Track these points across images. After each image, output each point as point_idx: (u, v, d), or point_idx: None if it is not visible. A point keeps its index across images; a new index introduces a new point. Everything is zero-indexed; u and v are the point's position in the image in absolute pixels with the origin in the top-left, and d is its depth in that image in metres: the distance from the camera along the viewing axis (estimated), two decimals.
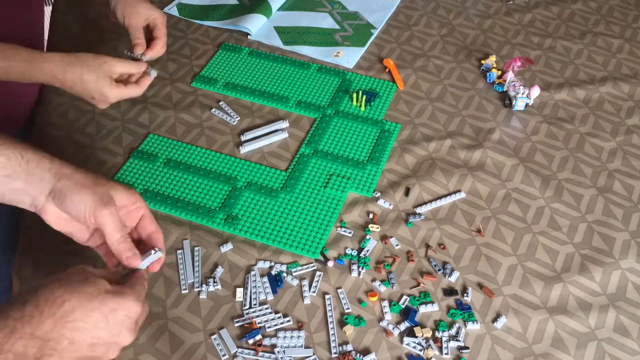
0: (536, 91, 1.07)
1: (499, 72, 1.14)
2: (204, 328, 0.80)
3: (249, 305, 0.82)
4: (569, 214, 0.93)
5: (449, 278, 0.84)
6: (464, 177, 0.98)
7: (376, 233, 0.90)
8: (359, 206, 0.93)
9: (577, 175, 0.99)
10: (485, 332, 0.79)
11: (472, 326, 0.79)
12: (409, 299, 0.82)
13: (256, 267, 0.86)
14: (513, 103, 1.08)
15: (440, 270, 0.86)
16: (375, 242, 0.89)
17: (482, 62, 1.17)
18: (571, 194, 0.96)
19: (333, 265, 0.86)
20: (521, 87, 1.07)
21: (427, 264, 0.86)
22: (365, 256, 0.87)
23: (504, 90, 1.11)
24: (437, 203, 0.93)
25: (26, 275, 0.86)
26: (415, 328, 0.79)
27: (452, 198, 0.94)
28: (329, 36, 1.24)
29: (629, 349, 0.78)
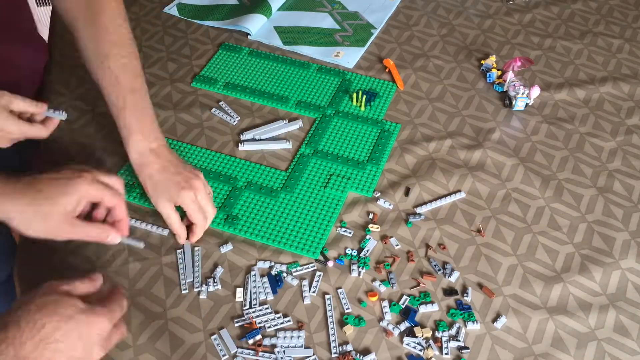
0: (536, 91, 1.07)
1: (499, 72, 1.14)
2: (204, 328, 0.80)
3: (249, 305, 0.82)
4: (569, 214, 0.93)
5: (449, 278, 0.84)
6: (464, 177, 0.98)
7: (376, 233, 0.90)
8: (359, 206, 0.93)
9: (577, 175, 0.99)
10: (485, 332, 0.79)
11: (472, 326, 0.79)
12: (409, 299, 0.82)
13: (256, 267, 0.86)
14: (513, 103, 1.08)
15: (440, 270, 0.86)
16: (375, 242, 0.89)
17: (482, 62, 1.17)
18: (571, 194, 0.96)
19: (333, 265, 0.86)
20: (521, 87, 1.07)
21: (427, 264, 0.86)
22: (365, 256, 0.87)
23: (504, 90, 1.11)
24: (437, 203, 0.93)
25: (26, 275, 0.86)
26: (415, 328, 0.79)
27: (452, 198, 0.94)
28: (329, 36, 1.24)
29: (629, 349, 0.78)
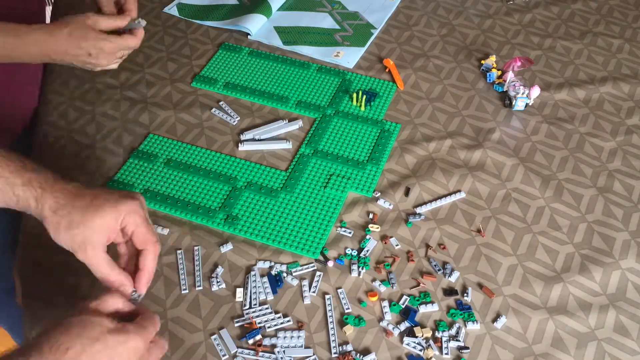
0: (536, 91, 1.07)
1: (499, 72, 1.14)
2: (204, 328, 0.80)
3: (249, 305, 0.82)
4: (569, 214, 0.93)
5: (449, 278, 0.84)
6: (464, 177, 0.98)
7: (376, 233, 0.90)
8: (359, 206, 0.93)
9: (577, 175, 0.99)
10: (485, 332, 0.79)
11: (472, 326, 0.79)
12: (409, 299, 0.82)
13: (256, 267, 0.86)
14: (513, 103, 1.08)
15: (440, 270, 0.86)
16: (375, 242, 0.89)
17: (482, 62, 1.17)
18: (571, 194, 0.96)
19: (333, 265, 0.86)
20: (521, 87, 1.07)
21: (427, 264, 0.86)
22: (365, 256, 0.87)
23: (504, 90, 1.11)
24: (437, 203, 0.93)
25: (26, 275, 0.86)
26: (415, 328, 0.79)
27: (452, 198, 0.94)
28: (329, 36, 1.24)
29: (629, 349, 0.78)
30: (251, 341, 0.78)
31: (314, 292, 0.83)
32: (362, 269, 0.85)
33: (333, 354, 0.77)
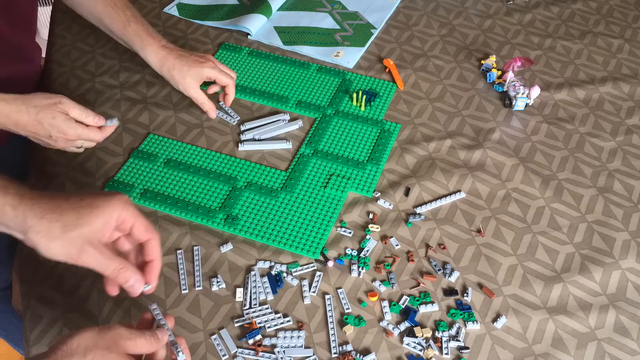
0: (536, 91, 1.07)
1: (499, 72, 1.14)
2: (204, 328, 0.80)
3: (249, 305, 0.82)
4: (569, 214, 0.93)
5: (449, 278, 0.84)
6: (464, 177, 0.98)
7: (376, 233, 0.90)
8: (359, 206, 0.93)
9: (577, 175, 0.99)
10: (485, 332, 0.79)
11: (472, 326, 0.79)
12: (409, 299, 0.82)
13: (256, 267, 0.86)
14: (513, 103, 1.08)
15: (440, 270, 0.86)
16: (375, 242, 0.89)
17: (482, 62, 1.17)
18: (571, 194, 0.96)
19: (333, 265, 0.86)
20: (521, 87, 1.07)
21: (427, 264, 0.86)
22: (365, 256, 0.87)
23: (504, 90, 1.11)
24: (437, 203, 0.93)
25: (26, 276, 0.86)
26: (415, 328, 0.79)
27: (452, 198, 0.94)
28: (329, 36, 1.24)
29: (629, 349, 0.78)
30: (251, 341, 0.78)
31: (314, 292, 0.83)
32: (362, 269, 0.85)
33: (333, 354, 0.77)
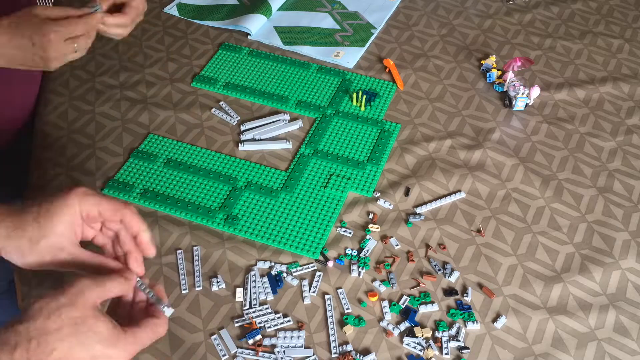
0: (536, 91, 1.07)
1: (499, 72, 1.14)
2: (204, 328, 0.80)
3: (249, 305, 0.82)
4: (569, 214, 0.93)
5: (449, 278, 0.84)
6: (464, 177, 0.98)
7: (376, 233, 0.90)
8: (359, 206, 0.93)
9: (577, 175, 0.99)
10: (485, 332, 0.79)
11: (472, 326, 0.79)
12: (409, 299, 0.82)
13: (256, 267, 0.86)
14: (513, 103, 1.08)
15: (440, 270, 0.86)
16: (375, 242, 0.89)
17: (482, 62, 1.17)
18: (571, 194, 0.96)
19: (333, 265, 0.86)
20: (521, 87, 1.07)
21: (427, 264, 0.86)
22: (365, 256, 0.87)
23: (504, 90, 1.11)
24: (437, 203, 0.93)
25: (26, 276, 0.86)
26: (415, 328, 0.79)
27: (452, 198, 0.94)
28: (329, 36, 1.24)
29: (629, 349, 0.78)
30: (251, 341, 0.78)
31: (314, 292, 0.83)
32: (362, 269, 0.85)
33: (333, 354, 0.77)
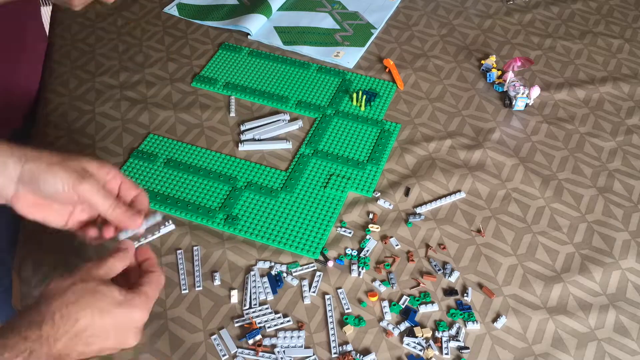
0: (536, 91, 1.07)
1: (499, 72, 1.14)
2: (204, 328, 0.80)
3: (249, 305, 0.82)
4: (569, 214, 0.93)
5: (449, 278, 0.84)
6: (464, 177, 0.98)
7: (376, 233, 0.90)
8: (359, 206, 0.93)
9: (577, 175, 0.99)
10: (485, 332, 0.79)
11: (472, 326, 0.79)
12: (409, 299, 0.82)
13: (256, 267, 0.86)
14: (513, 103, 1.08)
15: (440, 270, 0.86)
16: (375, 242, 0.89)
17: (482, 62, 1.17)
18: (571, 194, 0.96)
19: (333, 265, 0.86)
20: (521, 87, 1.07)
21: (427, 264, 0.86)
22: (365, 256, 0.87)
23: (504, 90, 1.11)
24: (437, 203, 0.93)
25: (26, 275, 0.86)
26: (415, 328, 0.79)
27: (452, 198, 0.94)
28: (329, 36, 1.24)
29: (629, 349, 0.78)
30: (251, 341, 0.78)
31: (314, 292, 0.83)
32: (362, 269, 0.85)
33: (333, 354, 0.77)
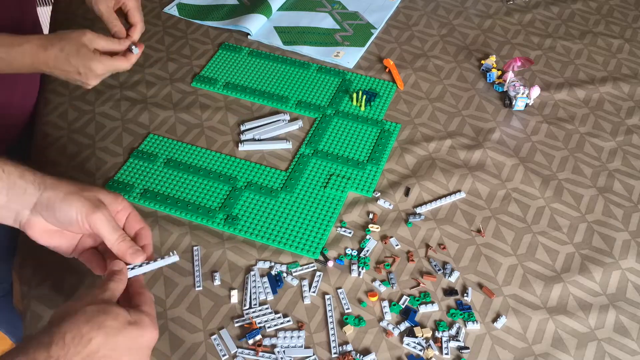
0: (536, 91, 1.07)
1: (499, 72, 1.14)
2: (204, 328, 0.80)
3: (249, 305, 0.82)
4: (569, 214, 0.93)
5: (449, 278, 0.84)
6: (464, 177, 0.98)
7: (376, 233, 0.90)
8: (359, 206, 0.93)
9: (577, 175, 0.99)
10: (485, 332, 0.79)
11: (472, 326, 0.79)
12: (409, 299, 0.82)
13: (256, 267, 0.86)
14: (513, 103, 1.08)
15: (440, 270, 0.86)
16: (375, 242, 0.89)
17: (482, 62, 1.17)
18: (571, 194, 0.96)
19: (333, 265, 0.86)
20: (521, 87, 1.07)
21: (427, 264, 0.86)
22: (365, 256, 0.87)
23: (504, 90, 1.11)
24: (437, 203, 0.93)
25: (26, 276, 0.86)
26: (415, 328, 0.79)
27: (452, 198, 0.94)
28: (329, 36, 1.24)
29: (629, 349, 0.78)
30: (251, 341, 0.78)
31: (314, 292, 0.83)
32: (362, 269, 0.85)
33: (333, 354, 0.77)
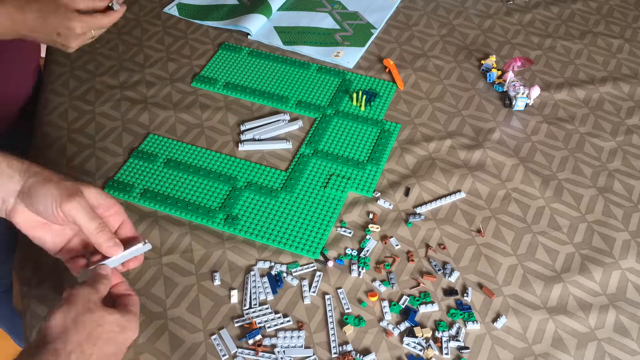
0: (536, 91, 1.07)
1: (499, 72, 1.14)
2: (204, 328, 0.80)
3: (249, 305, 0.82)
4: (569, 214, 0.93)
5: (449, 278, 0.84)
6: (464, 177, 0.98)
7: (376, 233, 0.90)
8: (359, 206, 0.93)
9: (577, 175, 0.99)
10: (485, 332, 0.79)
11: (472, 326, 0.79)
12: (409, 299, 0.82)
13: (256, 267, 0.86)
14: (513, 103, 1.08)
15: (440, 270, 0.86)
16: (375, 242, 0.89)
17: (482, 62, 1.17)
18: (571, 194, 0.96)
19: (333, 265, 0.86)
20: (521, 87, 1.07)
21: (427, 264, 0.86)
22: (365, 256, 0.87)
23: (504, 90, 1.11)
24: (437, 203, 0.93)
25: (26, 276, 0.86)
26: (415, 328, 0.79)
27: (452, 198, 0.94)
28: (329, 36, 1.24)
29: (629, 349, 0.78)
30: (251, 341, 0.78)
31: (314, 292, 0.83)
32: (362, 269, 0.85)
33: (333, 354, 0.77)
